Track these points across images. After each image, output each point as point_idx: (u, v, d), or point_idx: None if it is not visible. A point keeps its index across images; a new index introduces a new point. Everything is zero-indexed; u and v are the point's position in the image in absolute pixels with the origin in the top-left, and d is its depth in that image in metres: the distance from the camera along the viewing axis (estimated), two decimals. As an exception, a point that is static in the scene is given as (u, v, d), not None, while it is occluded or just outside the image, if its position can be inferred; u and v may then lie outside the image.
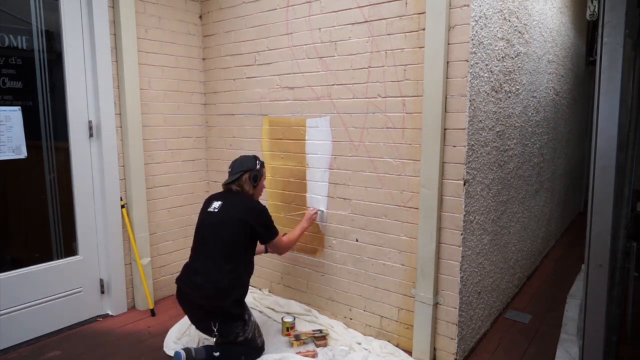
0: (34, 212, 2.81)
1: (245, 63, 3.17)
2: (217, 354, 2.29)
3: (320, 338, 2.62)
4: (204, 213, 2.48)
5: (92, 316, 2.99)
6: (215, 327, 2.26)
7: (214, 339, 2.35)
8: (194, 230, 2.51)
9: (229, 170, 2.54)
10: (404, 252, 2.53)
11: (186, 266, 2.42)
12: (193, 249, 2.46)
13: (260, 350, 2.49)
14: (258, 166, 2.52)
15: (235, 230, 2.33)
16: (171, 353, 2.51)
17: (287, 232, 2.71)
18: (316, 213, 2.83)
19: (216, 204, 2.43)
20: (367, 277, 2.71)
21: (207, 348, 2.35)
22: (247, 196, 2.48)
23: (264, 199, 3.19)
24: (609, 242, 1.55)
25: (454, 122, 2.25)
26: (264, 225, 2.42)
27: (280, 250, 2.58)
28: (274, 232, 2.47)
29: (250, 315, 2.43)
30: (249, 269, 2.44)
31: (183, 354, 2.25)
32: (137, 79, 3.00)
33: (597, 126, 1.66)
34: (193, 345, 2.58)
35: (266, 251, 2.73)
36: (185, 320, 2.84)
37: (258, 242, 2.48)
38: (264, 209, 2.45)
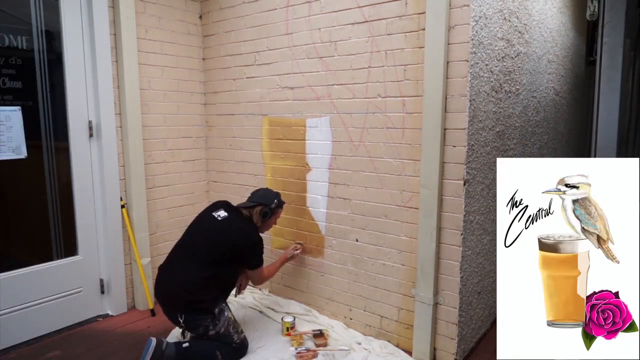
0: (34, 212, 2.81)
1: (245, 63, 3.17)
2: (185, 345, 2.34)
3: (320, 338, 2.62)
4: (207, 215, 2.54)
5: (92, 316, 2.99)
6: (181, 319, 2.32)
7: (182, 332, 2.46)
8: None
9: (250, 195, 2.68)
10: (404, 252, 2.53)
11: (171, 257, 2.51)
12: (182, 243, 2.52)
13: (240, 347, 2.46)
14: (273, 205, 2.62)
15: (228, 246, 2.42)
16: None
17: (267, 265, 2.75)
18: (297, 249, 2.94)
19: (222, 213, 2.51)
20: (367, 277, 2.71)
21: (177, 343, 2.39)
22: (252, 224, 2.56)
23: (264, 199, 3.19)
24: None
25: (454, 122, 2.26)
26: (254, 256, 2.52)
27: (257, 280, 2.65)
28: (259, 263, 2.56)
29: (222, 310, 2.40)
30: (226, 284, 2.54)
31: (153, 341, 2.28)
32: (137, 79, 3.00)
33: (597, 126, 1.65)
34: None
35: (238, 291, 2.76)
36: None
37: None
38: (259, 242, 2.52)
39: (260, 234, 2.56)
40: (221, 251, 2.41)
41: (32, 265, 2.72)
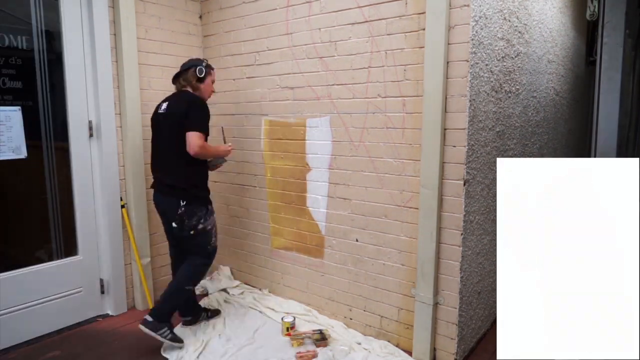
0: (34, 212, 2.81)
1: (245, 63, 3.17)
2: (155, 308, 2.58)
3: (320, 338, 2.62)
4: (155, 115, 2.66)
5: (92, 316, 2.99)
6: (183, 202, 2.50)
7: (177, 223, 2.55)
8: None
9: (180, 68, 2.70)
10: (404, 252, 2.53)
11: (153, 172, 2.68)
12: (152, 152, 2.68)
13: (212, 251, 2.70)
14: (204, 64, 2.64)
15: (179, 124, 2.48)
16: (168, 356, 2.52)
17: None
18: (227, 150, 2.75)
19: (164, 105, 2.60)
20: (367, 277, 2.71)
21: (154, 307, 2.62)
22: (192, 92, 2.61)
23: (264, 199, 3.20)
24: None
25: (454, 122, 2.26)
26: (195, 115, 2.49)
27: (194, 144, 2.45)
28: (198, 126, 2.47)
29: (213, 211, 2.69)
30: (202, 169, 2.65)
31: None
32: (137, 79, 3.00)
33: (597, 126, 1.65)
34: (187, 345, 2.58)
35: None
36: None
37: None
38: (202, 103, 2.56)
39: (204, 101, 2.61)
40: (180, 132, 2.46)
41: (32, 265, 2.72)
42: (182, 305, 2.76)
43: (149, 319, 2.50)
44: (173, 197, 2.53)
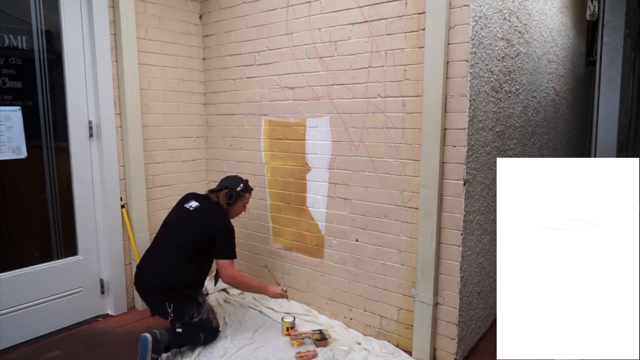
0: (34, 212, 2.81)
1: (245, 63, 3.17)
2: (179, 330, 2.47)
3: (320, 338, 2.62)
4: (180, 207, 2.67)
5: (92, 316, 2.99)
6: (170, 309, 2.42)
7: (170, 321, 2.52)
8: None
9: (219, 181, 2.78)
10: (404, 252, 2.53)
11: (149, 252, 2.61)
12: (159, 237, 2.62)
13: (216, 330, 2.66)
14: (239, 189, 2.69)
15: (202, 232, 2.52)
16: (164, 356, 2.51)
17: (248, 275, 2.83)
18: (282, 295, 2.78)
19: (193, 204, 2.62)
20: (367, 277, 2.71)
21: (169, 329, 2.48)
22: (222, 210, 2.64)
23: (264, 199, 3.20)
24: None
25: (454, 122, 2.26)
26: (225, 241, 2.56)
27: (226, 274, 2.57)
28: (229, 255, 2.57)
29: (204, 299, 2.62)
30: (204, 271, 2.61)
31: (149, 336, 2.32)
32: (137, 79, 3.00)
33: (597, 126, 1.65)
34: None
35: (215, 281, 2.73)
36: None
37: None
38: (231, 228, 2.60)
39: (232, 223, 2.64)
40: (196, 239, 2.50)
41: (32, 265, 2.72)
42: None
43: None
44: (158, 300, 2.46)
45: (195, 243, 2.50)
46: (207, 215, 2.57)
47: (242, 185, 2.72)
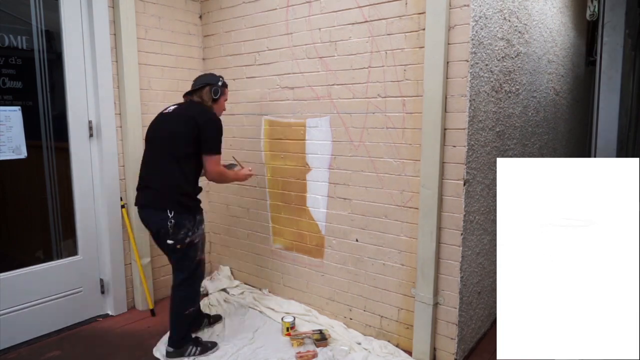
0: (34, 212, 2.81)
1: (245, 63, 3.17)
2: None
3: (320, 338, 2.62)
4: (158, 116, 2.52)
5: (92, 316, 2.99)
6: (170, 214, 2.31)
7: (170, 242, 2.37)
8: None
9: (193, 82, 2.59)
10: (404, 252, 2.53)
11: (143, 169, 2.49)
12: (148, 151, 2.49)
13: (198, 266, 2.51)
14: (220, 83, 2.57)
15: (185, 129, 2.35)
16: (158, 355, 2.53)
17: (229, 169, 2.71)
18: (250, 173, 2.71)
19: (171, 108, 2.51)
20: (367, 277, 2.71)
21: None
22: (206, 106, 2.50)
23: (264, 199, 3.20)
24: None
25: (454, 122, 2.25)
26: (210, 136, 2.39)
27: (213, 171, 2.43)
28: (215, 149, 2.41)
29: (201, 220, 2.48)
30: (197, 171, 2.46)
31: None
32: (137, 79, 3.00)
33: (597, 126, 1.65)
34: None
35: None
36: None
37: None
38: (218, 122, 2.44)
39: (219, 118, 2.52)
40: (183, 138, 2.35)
41: (32, 265, 2.72)
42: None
43: (170, 349, 2.48)
44: (159, 209, 2.34)
45: (184, 143, 2.34)
46: (190, 112, 2.42)
47: (220, 79, 2.58)
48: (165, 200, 2.35)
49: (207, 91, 2.51)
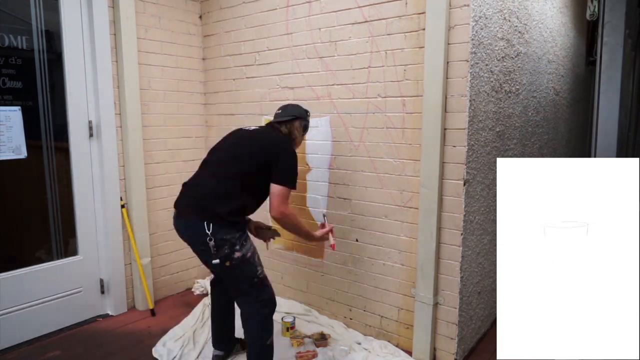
0: (34, 212, 2.81)
1: (245, 63, 3.17)
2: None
3: (320, 338, 2.62)
4: (236, 130, 2.33)
5: (92, 316, 2.99)
6: (209, 230, 1.97)
7: (211, 260, 2.02)
8: None
9: (278, 112, 2.36)
10: (404, 252, 2.53)
11: (199, 173, 2.21)
12: (208, 158, 2.23)
13: (263, 283, 2.14)
14: (309, 119, 2.39)
15: (262, 153, 2.11)
16: (157, 355, 2.51)
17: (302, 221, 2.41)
18: (327, 232, 2.44)
19: (252, 127, 2.33)
20: (367, 277, 2.71)
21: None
22: (286, 137, 2.27)
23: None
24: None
25: (454, 122, 2.26)
26: (285, 166, 2.11)
27: (276, 206, 2.08)
28: (289, 181, 2.10)
29: (248, 236, 2.14)
30: (252, 203, 2.17)
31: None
32: (137, 79, 3.00)
33: (597, 126, 1.65)
34: (179, 348, 2.57)
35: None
36: (182, 325, 2.84)
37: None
38: (295, 156, 2.17)
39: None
40: (250, 159, 2.10)
41: (32, 265, 2.72)
42: (217, 336, 2.43)
43: None
44: (196, 220, 2.01)
45: (248, 162, 2.10)
46: (270, 137, 2.20)
47: (308, 112, 2.40)
48: (204, 214, 2.02)
49: (298, 126, 2.31)
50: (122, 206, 3.02)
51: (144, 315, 3.04)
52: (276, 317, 2.89)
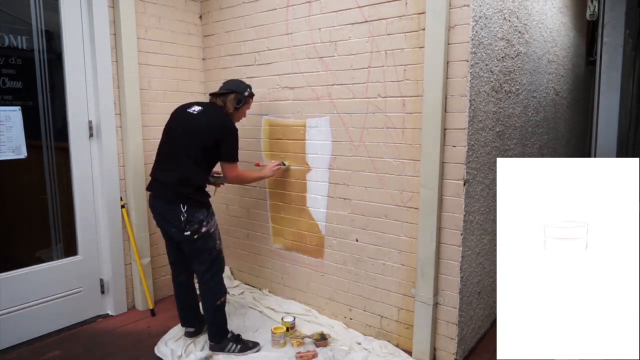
0: (34, 212, 2.81)
1: (245, 63, 3.17)
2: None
3: (320, 338, 2.62)
4: (182, 112, 2.53)
5: (92, 316, 2.99)
6: (183, 209, 2.38)
7: (183, 232, 2.42)
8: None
9: (222, 84, 2.65)
10: (404, 252, 2.53)
11: (160, 159, 2.52)
12: (165, 144, 2.52)
13: (219, 255, 2.58)
14: (246, 93, 2.62)
15: (207, 136, 2.43)
16: (160, 355, 2.53)
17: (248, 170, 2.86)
18: (279, 166, 2.91)
19: (196, 108, 2.52)
20: (367, 277, 2.71)
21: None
22: (227, 114, 2.56)
23: (264, 199, 3.20)
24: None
25: (454, 122, 2.26)
26: (229, 146, 2.50)
27: (232, 176, 2.59)
28: (234, 158, 2.54)
29: (213, 212, 2.57)
30: (207, 176, 2.58)
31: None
32: (137, 79, 3.00)
33: (597, 126, 1.65)
34: (182, 347, 2.60)
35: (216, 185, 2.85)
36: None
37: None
38: (235, 132, 2.53)
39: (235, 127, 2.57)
40: (202, 144, 2.42)
41: (32, 265, 2.72)
42: (184, 315, 2.71)
43: (211, 343, 2.55)
44: (174, 202, 2.40)
45: (202, 147, 2.43)
46: (213, 120, 2.48)
47: (248, 90, 2.63)
48: (179, 197, 2.40)
49: (232, 99, 2.56)
50: (122, 206, 3.02)
51: (144, 315, 3.04)
52: (276, 317, 2.91)
